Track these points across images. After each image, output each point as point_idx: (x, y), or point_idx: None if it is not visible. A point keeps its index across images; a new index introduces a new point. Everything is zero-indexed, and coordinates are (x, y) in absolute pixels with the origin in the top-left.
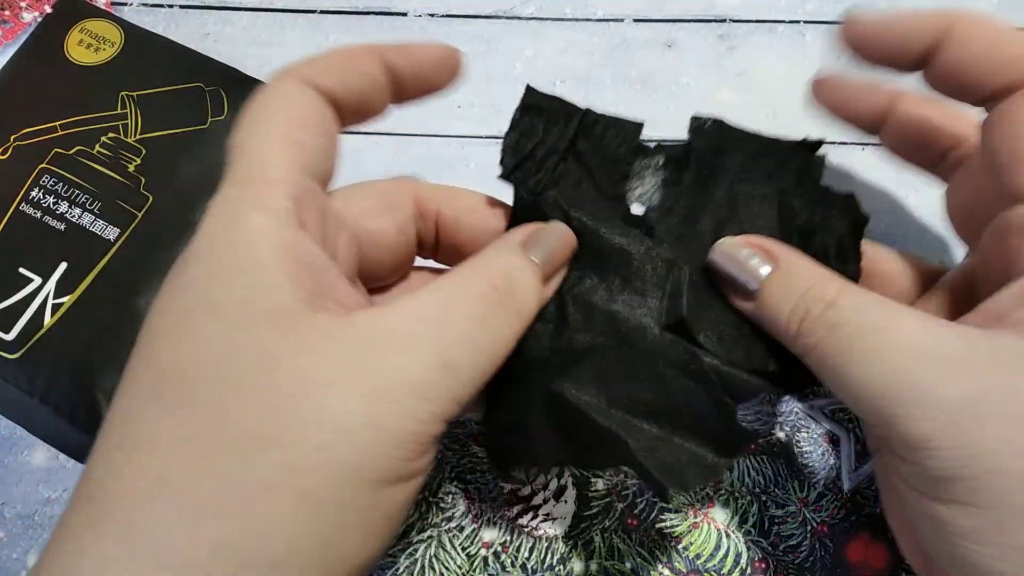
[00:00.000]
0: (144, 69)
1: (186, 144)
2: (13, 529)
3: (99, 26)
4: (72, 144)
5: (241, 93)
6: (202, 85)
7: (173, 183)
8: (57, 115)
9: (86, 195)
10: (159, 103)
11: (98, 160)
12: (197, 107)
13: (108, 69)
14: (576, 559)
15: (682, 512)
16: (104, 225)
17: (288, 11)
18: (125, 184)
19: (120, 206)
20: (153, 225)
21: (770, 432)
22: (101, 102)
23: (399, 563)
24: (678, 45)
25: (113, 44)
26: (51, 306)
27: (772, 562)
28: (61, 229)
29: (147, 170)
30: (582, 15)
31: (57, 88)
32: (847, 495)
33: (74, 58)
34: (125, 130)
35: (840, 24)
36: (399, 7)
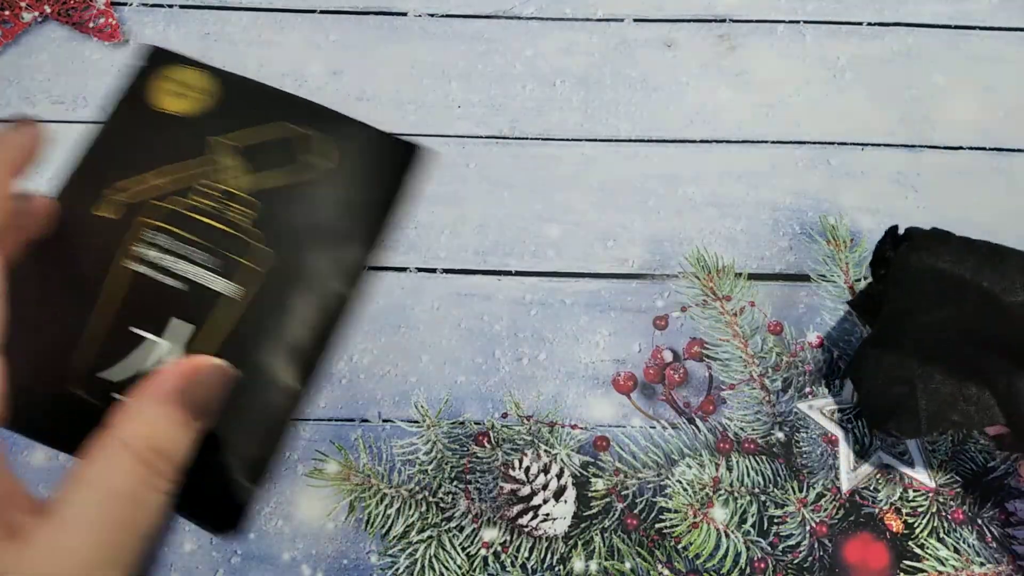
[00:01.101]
0: (242, 117)
1: (292, 192)
2: None
3: (185, 74)
4: (172, 195)
5: (347, 137)
6: (308, 133)
7: (283, 232)
8: (151, 166)
9: (194, 248)
10: (263, 153)
11: (207, 213)
12: (305, 155)
13: (202, 118)
14: (576, 559)
15: (682, 512)
16: (225, 283)
17: (288, 11)
18: (241, 239)
19: (230, 258)
20: (271, 276)
21: (770, 432)
22: (199, 152)
23: (399, 563)
24: (678, 45)
25: (202, 91)
26: (161, 365)
27: (771, 561)
28: (175, 287)
29: (262, 223)
30: (582, 15)
31: (149, 139)
32: (846, 495)
33: (165, 107)
34: (231, 182)
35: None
36: (399, 7)
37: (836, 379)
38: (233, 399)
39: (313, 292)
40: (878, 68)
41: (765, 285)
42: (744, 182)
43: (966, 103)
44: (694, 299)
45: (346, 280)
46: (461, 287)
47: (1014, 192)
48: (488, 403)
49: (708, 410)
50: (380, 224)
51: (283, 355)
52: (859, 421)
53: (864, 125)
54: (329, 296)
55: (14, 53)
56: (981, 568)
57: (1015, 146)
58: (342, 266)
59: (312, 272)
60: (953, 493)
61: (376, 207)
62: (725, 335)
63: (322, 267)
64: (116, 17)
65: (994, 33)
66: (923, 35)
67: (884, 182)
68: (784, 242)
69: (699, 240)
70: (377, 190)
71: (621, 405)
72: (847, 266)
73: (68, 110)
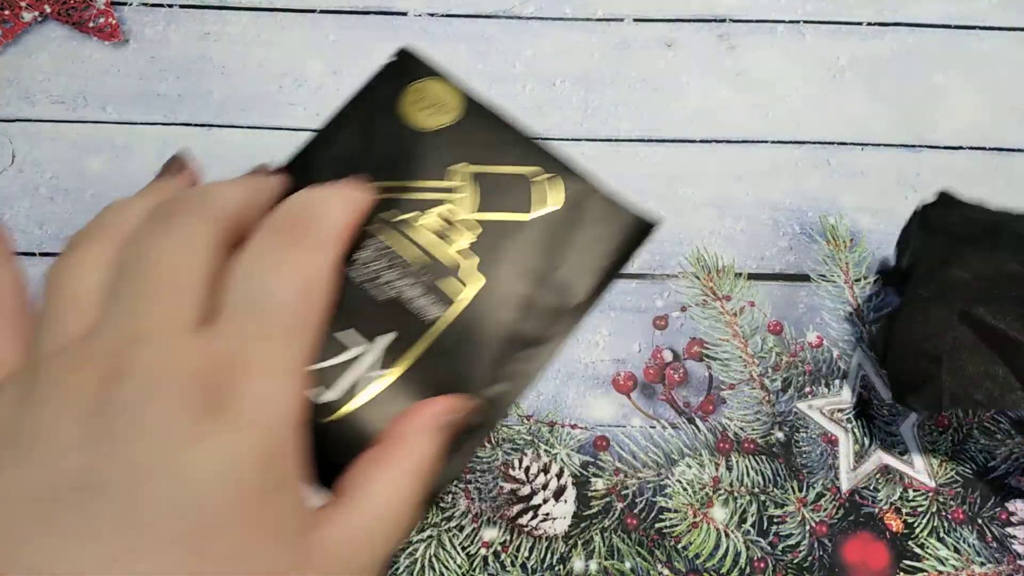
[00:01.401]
0: (480, 143)
1: (516, 231)
2: None
3: (439, 88)
4: (403, 211)
5: (572, 187)
6: (538, 172)
7: (500, 269)
8: (388, 177)
9: (416, 267)
10: (493, 183)
11: (429, 232)
12: (529, 195)
13: (444, 137)
14: (576, 559)
15: (682, 512)
16: (434, 300)
17: (288, 11)
18: (456, 262)
19: (450, 284)
20: (477, 301)
21: (770, 432)
22: (435, 170)
23: (399, 563)
24: (678, 45)
25: (450, 110)
26: (375, 377)
27: (771, 561)
28: (386, 299)
29: (480, 251)
30: (582, 15)
31: (389, 148)
32: (846, 495)
33: (409, 119)
34: (459, 205)
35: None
36: (399, 7)
37: (836, 379)
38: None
39: (515, 325)
40: (878, 68)
41: (765, 285)
42: (744, 182)
43: (966, 103)
44: (694, 299)
45: (545, 323)
46: None
47: (1014, 192)
48: None
49: (708, 410)
50: (590, 282)
51: (477, 377)
52: (859, 421)
53: (864, 125)
54: (528, 333)
55: (14, 53)
56: (981, 568)
57: (1015, 146)
58: (542, 309)
59: (516, 306)
60: (953, 493)
61: (590, 264)
62: (725, 335)
63: (521, 305)
64: (116, 17)
65: (994, 33)
66: (923, 35)
67: (884, 182)
68: (784, 242)
69: (699, 240)
70: (593, 248)
71: (621, 405)
72: (847, 266)
73: (68, 110)
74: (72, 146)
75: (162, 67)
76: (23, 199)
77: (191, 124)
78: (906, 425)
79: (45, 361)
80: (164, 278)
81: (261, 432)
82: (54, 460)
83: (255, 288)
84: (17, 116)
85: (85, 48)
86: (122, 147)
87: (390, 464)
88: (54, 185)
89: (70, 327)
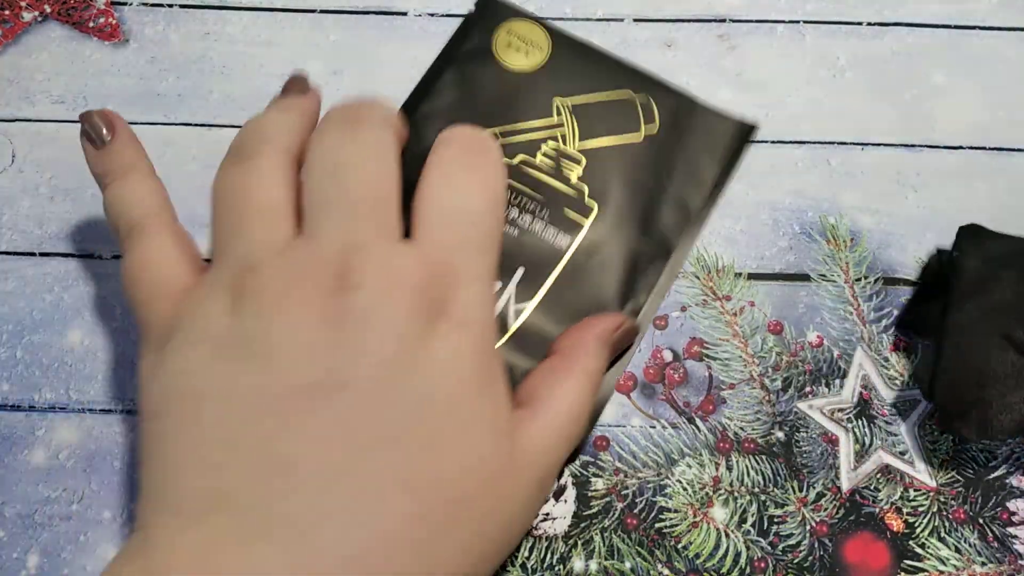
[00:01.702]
0: (573, 76)
1: (622, 154)
2: (13, 529)
3: (525, 28)
4: (514, 152)
5: (670, 104)
6: (632, 94)
7: (612, 193)
8: (495, 121)
9: (535, 203)
10: (592, 112)
11: (541, 169)
12: (629, 117)
13: (539, 75)
14: (576, 559)
15: (682, 512)
16: (556, 232)
17: (288, 11)
18: (570, 193)
19: (567, 215)
20: (593, 228)
21: (770, 432)
22: (536, 109)
23: None
24: (678, 45)
25: (541, 48)
26: (513, 311)
27: (771, 561)
28: (515, 235)
29: (589, 180)
30: (582, 15)
31: (491, 92)
32: (846, 495)
33: (505, 62)
34: (563, 139)
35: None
36: (399, 7)
37: (837, 379)
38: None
39: (636, 244)
40: (878, 68)
41: (765, 285)
42: (744, 182)
43: (966, 103)
44: (694, 299)
45: (665, 237)
46: None
47: (1014, 192)
48: None
49: (708, 410)
50: (703, 192)
51: (611, 296)
52: (859, 420)
53: (864, 125)
54: (650, 249)
55: (14, 53)
56: (983, 568)
57: (1015, 146)
58: (660, 225)
59: (634, 226)
60: (954, 493)
61: (696, 176)
62: (725, 335)
63: (638, 223)
64: (116, 17)
65: (994, 33)
66: (923, 35)
67: (884, 182)
68: (784, 242)
69: (699, 240)
70: (699, 159)
71: (621, 405)
72: (847, 266)
73: (68, 110)
74: (72, 146)
75: (162, 67)
76: (23, 199)
77: (191, 124)
78: (907, 425)
79: (258, 271)
80: (367, 188)
81: (475, 333)
82: (297, 365)
83: (448, 203)
84: (17, 116)
85: (85, 48)
86: None
87: (569, 374)
88: (54, 185)
89: (268, 237)
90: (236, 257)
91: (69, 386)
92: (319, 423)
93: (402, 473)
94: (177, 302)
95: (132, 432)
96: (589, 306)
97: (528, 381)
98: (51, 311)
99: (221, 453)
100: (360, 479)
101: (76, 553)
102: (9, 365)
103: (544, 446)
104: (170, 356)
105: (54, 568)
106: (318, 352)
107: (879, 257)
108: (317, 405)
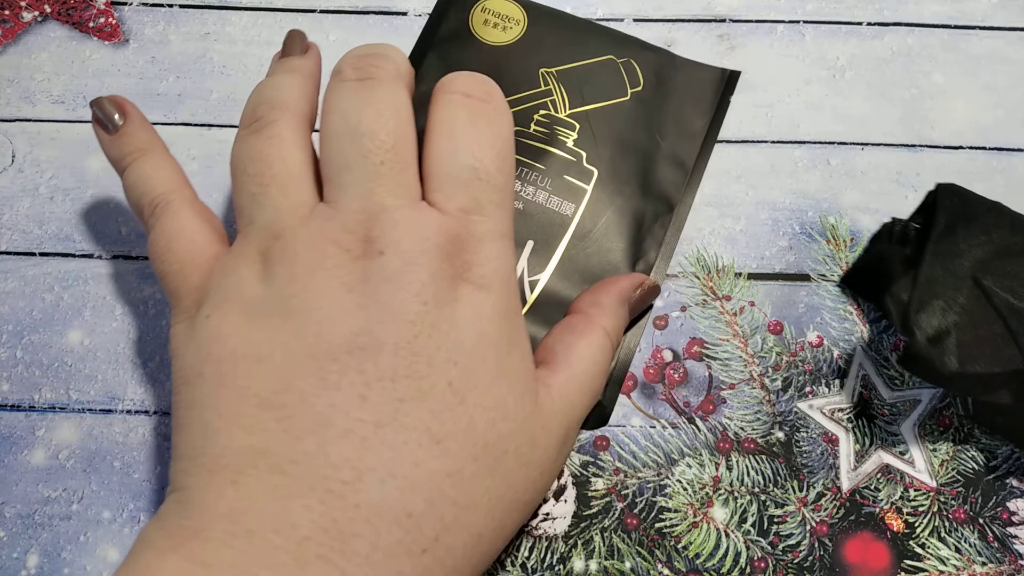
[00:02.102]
0: (553, 45)
1: (613, 116)
2: (13, 529)
3: (499, 4)
4: (516, 125)
5: (651, 62)
6: (614, 57)
7: (609, 156)
8: None
9: (536, 173)
10: (578, 77)
11: (536, 138)
12: (614, 79)
13: (518, 47)
14: (576, 558)
15: (682, 511)
16: (560, 201)
17: (288, 11)
18: (568, 160)
19: (568, 181)
20: (595, 192)
21: (770, 432)
22: (522, 81)
23: None
24: (678, 45)
25: (517, 22)
26: (528, 283)
27: (771, 561)
28: (519, 208)
29: (584, 144)
30: (582, 15)
31: (474, 70)
32: (846, 494)
33: (484, 38)
34: (554, 106)
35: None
36: (399, 7)
37: (836, 378)
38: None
39: (639, 203)
40: (878, 68)
41: (765, 285)
42: (743, 182)
43: (966, 103)
44: (694, 299)
45: (666, 194)
46: None
47: (1014, 192)
48: None
49: (708, 410)
50: (695, 144)
51: (622, 257)
52: (860, 420)
53: (864, 125)
54: (653, 207)
55: (14, 53)
56: (983, 568)
57: (1015, 146)
58: (659, 181)
59: (634, 185)
60: (955, 492)
61: (686, 129)
62: (725, 335)
63: (637, 182)
64: (116, 17)
65: (994, 33)
66: (923, 35)
67: (884, 182)
68: (784, 242)
69: (699, 240)
70: (686, 111)
71: (621, 405)
72: (847, 265)
73: (68, 110)
74: (72, 146)
75: (162, 67)
76: (23, 199)
77: (191, 124)
78: (907, 424)
79: (286, 238)
80: (386, 151)
81: (498, 292)
82: (330, 327)
83: (460, 162)
84: (17, 116)
85: (85, 48)
86: None
87: (589, 332)
88: (54, 185)
89: (292, 203)
90: (262, 225)
91: (69, 386)
92: (353, 381)
93: (435, 426)
94: (206, 271)
95: (132, 432)
96: (601, 269)
97: (547, 340)
98: (51, 311)
99: (258, 412)
100: (394, 433)
101: (76, 553)
102: (9, 365)
103: (567, 400)
104: (202, 323)
105: (54, 568)
106: (349, 314)
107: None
108: (351, 364)
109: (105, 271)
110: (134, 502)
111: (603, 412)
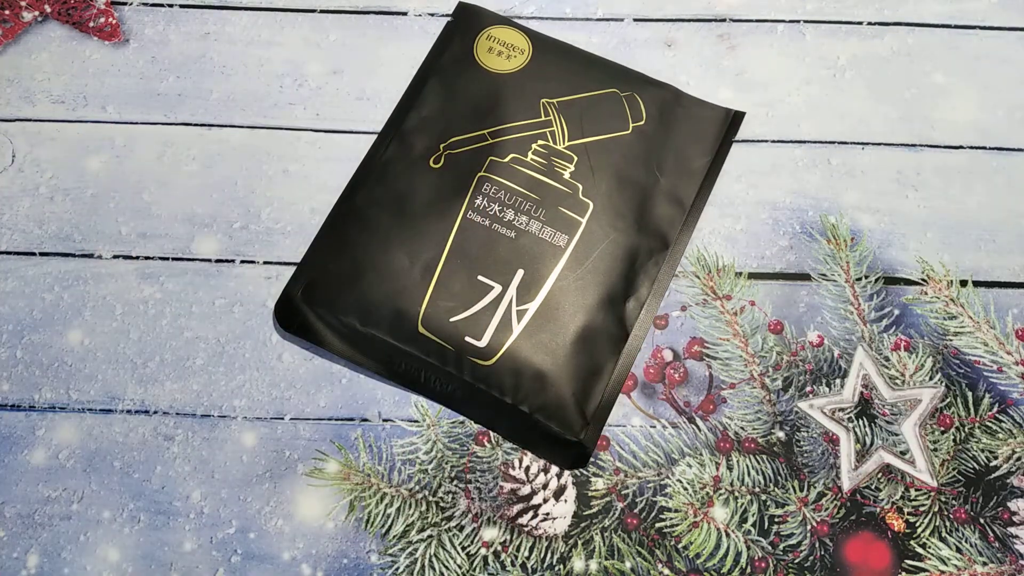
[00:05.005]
0: (556, 75)
1: (612, 150)
2: (13, 529)
3: (505, 33)
4: (506, 151)
5: (654, 98)
6: (617, 91)
7: (605, 189)
8: (483, 123)
9: (530, 203)
10: (579, 109)
11: (533, 168)
12: (616, 113)
13: (521, 76)
14: (576, 558)
15: (682, 511)
16: (552, 232)
17: (288, 10)
18: (564, 191)
19: (563, 213)
20: (589, 224)
21: (770, 431)
22: (522, 110)
23: (399, 562)
24: (678, 45)
25: (522, 51)
26: (515, 313)
27: (772, 561)
28: (511, 236)
29: (582, 177)
30: (582, 15)
31: (476, 96)
32: (847, 494)
33: (487, 65)
34: (553, 137)
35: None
36: (399, 7)
37: (837, 378)
38: (561, 345)
39: (633, 239)
40: (878, 68)
41: (765, 284)
42: (743, 181)
43: (966, 103)
44: (694, 298)
45: (662, 231)
46: None
47: (1014, 192)
48: None
49: (708, 409)
50: (694, 184)
51: (613, 293)
52: (860, 420)
53: (864, 125)
54: (648, 243)
55: (14, 53)
56: (984, 568)
57: (1015, 146)
58: (656, 218)
59: (630, 220)
60: (955, 492)
61: (686, 167)
62: (725, 334)
63: (633, 217)
64: (116, 17)
65: (994, 33)
66: (923, 35)
67: (884, 182)
68: (784, 241)
69: (699, 240)
70: (688, 150)
71: (621, 405)
72: (848, 265)
73: (68, 110)
74: (72, 146)
75: (162, 67)
76: (23, 199)
77: (191, 124)
78: (908, 424)
79: None
80: None
81: None
82: None
83: None
84: (17, 116)
85: (85, 48)
86: (122, 147)
87: None
88: (54, 185)
89: None
90: None
91: (69, 386)
92: None
93: None
94: None
95: (132, 432)
96: (592, 304)
97: None
98: (51, 311)
99: None
100: None
101: (76, 553)
102: (9, 365)
103: None
104: None
105: (54, 568)
106: None
107: (880, 256)
108: None
109: (105, 271)
110: (134, 502)
111: (583, 451)
